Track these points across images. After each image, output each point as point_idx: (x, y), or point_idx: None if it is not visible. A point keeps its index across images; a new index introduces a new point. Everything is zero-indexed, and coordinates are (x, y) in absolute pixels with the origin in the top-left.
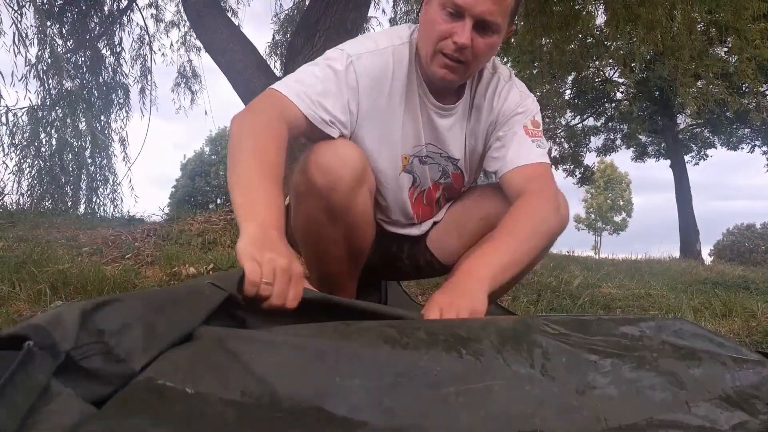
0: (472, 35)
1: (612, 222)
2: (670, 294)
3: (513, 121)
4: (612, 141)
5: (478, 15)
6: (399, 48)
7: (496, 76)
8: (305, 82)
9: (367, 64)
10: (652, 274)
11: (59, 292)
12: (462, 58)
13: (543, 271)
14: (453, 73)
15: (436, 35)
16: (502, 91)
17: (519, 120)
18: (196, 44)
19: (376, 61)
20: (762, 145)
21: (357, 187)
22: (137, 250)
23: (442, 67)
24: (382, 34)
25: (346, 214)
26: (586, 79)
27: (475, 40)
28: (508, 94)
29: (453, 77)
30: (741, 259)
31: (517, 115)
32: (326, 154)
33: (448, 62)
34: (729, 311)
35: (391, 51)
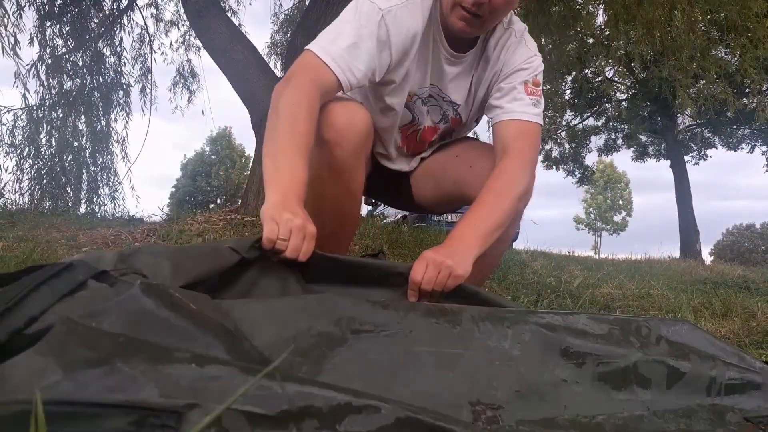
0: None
1: (612, 222)
2: (670, 294)
3: (516, 75)
4: (613, 141)
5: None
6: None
7: (509, 31)
8: (339, 44)
9: (398, 15)
10: (652, 274)
11: None
12: (479, 12)
13: (543, 271)
14: (470, 26)
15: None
16: (512, 45)
17: (522, 75)
18: (195, 44)
19: (406, 13)
20: (762, 145)
21: (359, 150)
22: None
23: (460, 20)
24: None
25: (346, 172)
26: (586, 78)
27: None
28: (517, 48)
29: (470, 30)
30: (741, 259)
31: (521, 71)
32: (338, 113)
33: (466, 15)
34: (729, 311)
35: (419, 2)
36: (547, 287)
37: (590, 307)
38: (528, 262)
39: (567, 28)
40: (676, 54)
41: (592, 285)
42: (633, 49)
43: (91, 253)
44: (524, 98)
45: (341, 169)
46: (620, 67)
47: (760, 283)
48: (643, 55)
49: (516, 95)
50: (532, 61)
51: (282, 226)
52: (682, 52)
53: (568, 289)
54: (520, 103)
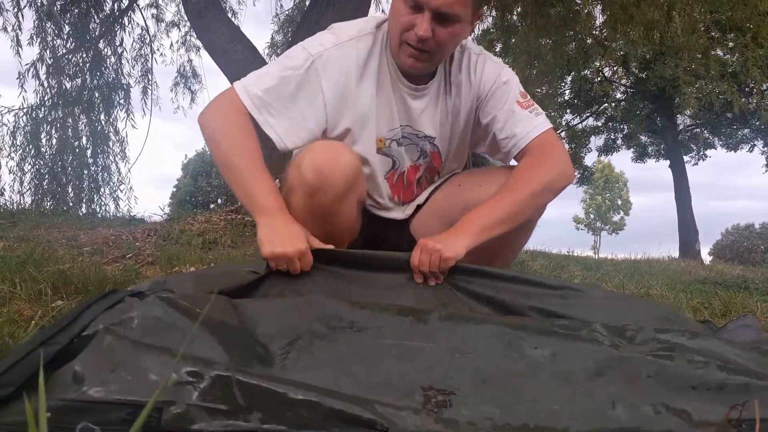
0: (433, 26)
1: (611, 222)
2: (670, 294)
3: (501, 96)
4: (613, 141)
5: (435, 8)
6: (361, 38)
7: (466, 52)
8: (260, 84)
9: (329, 58)
10: (651, 273)
11: (60, 291)
12: (425, 48)
13: (543, 271)
14: (419, 61)
15: (400, 27)
16: (476, 64)
17: (508, 96)
18: (196, 44)
19: (339, 54)
20: (763, 146)
21: (345, 194)
22: (138, 250)
23: (408, 57)
24: (345, 27)
25: (331, 216)
26: (585, 79)
27: (436, 30)
28: (484, 66)
29: (419, 66)
30: (740, 259)
31: (502, 87)
32: (323, 154)
33: (414, 51)
34: (728, 311)
35: (354, 43)
36: None
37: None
38: (528, 262)
39: (566, 29)
40: (678, 54)
41: (592, 285)
42: (630, 50)
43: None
44: (526, 116)
45: (325, 215)
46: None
47: (759, 283)
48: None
49: (518, 119)
50: (506, 73)
51: (278, 262)
52: (683, 52)
53: None
54: (526, 124)
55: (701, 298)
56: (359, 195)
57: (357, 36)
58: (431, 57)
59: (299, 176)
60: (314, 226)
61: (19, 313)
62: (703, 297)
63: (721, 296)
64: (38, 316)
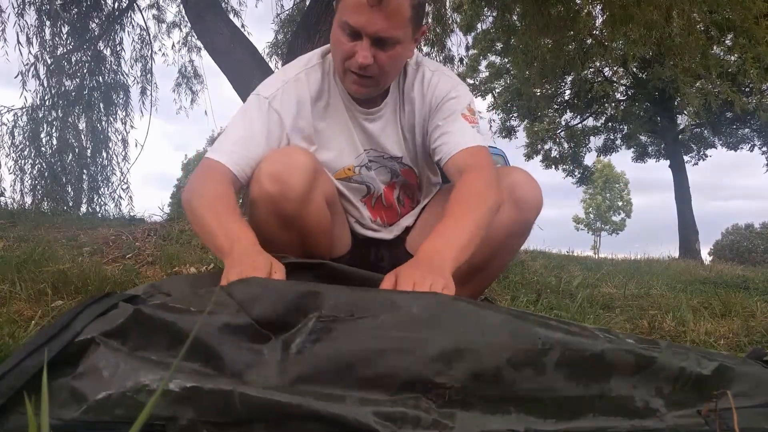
0: (374, 51)
1: (611, 222)
2: (670, 294)
3: (448, 108)
4: (612, 141)
5: (373, 34)
6: (310, 71)
7: (420, 69)
8: (229, 140)
9: (283, 98)
10: (651, 273)
11: (60, 291)
12: (368, 74)
13: (543, 271)
14: (364, 87)
15: (341, 55)
16: (431, 79)
17: (455, 108)
18: (197, 44)
19: (290, 91)
20: (762, 146)
21: (308, 193)
22: (138, 250)
23: (353, 84)
24: (292, 65)
25: (299, 220)
26: (586, 78)
27: (377, 55)
28: (438, 81)
29: (365, 91)
30: (740, 259)
31: (452, 101)
32: (277, 161)
33: (357, 78)
34: (728, 311)
35: (304, 77)
36: (546, 287)
37: (589, 307)
38: (528, 262)
39: (565, 29)
40: (677, 54)
41: (592, 285)
42: (629, 50)
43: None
44: (468, 129)
45: (293, 220)
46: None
47: (759, 283)
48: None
49: (459, 128)
50: (459, 89)
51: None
52: (683, 52)
53: (568, 289)
54: (466, 134)
55: (701, 298)
56: (325, 193)
57: (305, 70)
58: (376, 82)
59: (259, 188)
60: (285, 234)
61: (19, 313)
62: (703, 297)
63: (720, 296)
64: (38, 316)
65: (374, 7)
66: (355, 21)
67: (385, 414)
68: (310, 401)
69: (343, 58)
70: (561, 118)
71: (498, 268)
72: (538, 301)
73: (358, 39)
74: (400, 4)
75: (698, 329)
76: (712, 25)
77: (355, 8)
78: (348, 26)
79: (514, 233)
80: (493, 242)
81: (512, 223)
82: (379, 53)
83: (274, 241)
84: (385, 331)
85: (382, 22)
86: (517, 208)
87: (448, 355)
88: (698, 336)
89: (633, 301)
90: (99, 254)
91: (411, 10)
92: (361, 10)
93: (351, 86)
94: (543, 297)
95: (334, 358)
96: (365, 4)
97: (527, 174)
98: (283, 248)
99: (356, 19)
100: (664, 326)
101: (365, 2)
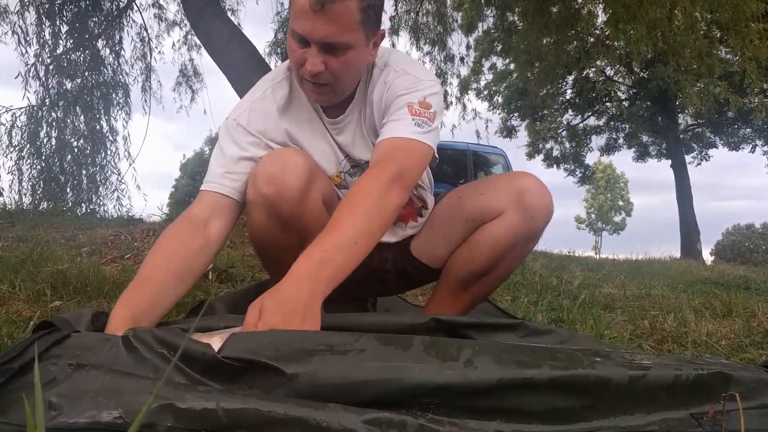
0: (324, 58)
1: (612, 222)
2: (671, 294)
3: (398, 102)
4: (614, 140)
5: (319, 40)
6: (276, 87)
7: (387, 70)
8: (213, 169)
9: (250, 116)
10: (652, 274)
11: (59, 292)
12: (322, 81)
13: (544, 271)
14: (321, 95)
15: (295, 63)
16: (394, 80)
17: (405, 101)
18: (197, 43)
19: (256, 108)
20: (763, 145)
21: (305, 193)
22: (137, 250)
23: (311, 92)
24: (259, 84)
25: (296, 220)
26: (587, 78)
27: (328, 62)
28: (398, 80)
29: (324, 99)
30: (742, 259)
31: (404, 96)
32: (272, 163)
33: (312, 86)
34: (730, 311)
35: (270, 93)
36: (547, 287)
37: (589, 307)
38: (528, 262)
39: (567, 29)
40: (678, 53)
41: (593, 285)
42: (632, 49)
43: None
44: (405, 118)
45: (291, 221)
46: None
47: (760, 283)
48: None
49: (396, 117)
50: (419, 84)
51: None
52: (684, 52)
53: (569, 289)
54: (399, 123)
55: (702, 298)
56: (322, 192)
57: (271, 86)
58: (332, 89)
59: (254, 190)
60: (284, 236)
61: (17, 314)
62: (705, 297)
63: (722, 297)
64: (37, 316)
65: (317, 12)
66: (301, 28)
67: (371, 419)
68: (295, 408)
69: (297, 66)
70: (563, 117)
71: (503, 273)
72: (539, 302)
73: (307, 46)
74: (346, 7)
75: (699, 330)
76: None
77: (300, 15)
78: (295, 33)
79: (522, 240)
80: (498, 248)
81: (520, 230)
82: (330, 59)
83: (274, 244)
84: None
85: (327, 27)
86: (526, 215)
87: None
88: (699, 336)
89: (634, 301)
90: (98, 254)
91: (360, 14)
92: (306, 16)
93: (309, 94)
94: (544, 297)
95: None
96: (309, 10)
97: (538, 180)
98: (284, 251)
99: (302, 26)
100: (665, 327)
101: (309, 8)
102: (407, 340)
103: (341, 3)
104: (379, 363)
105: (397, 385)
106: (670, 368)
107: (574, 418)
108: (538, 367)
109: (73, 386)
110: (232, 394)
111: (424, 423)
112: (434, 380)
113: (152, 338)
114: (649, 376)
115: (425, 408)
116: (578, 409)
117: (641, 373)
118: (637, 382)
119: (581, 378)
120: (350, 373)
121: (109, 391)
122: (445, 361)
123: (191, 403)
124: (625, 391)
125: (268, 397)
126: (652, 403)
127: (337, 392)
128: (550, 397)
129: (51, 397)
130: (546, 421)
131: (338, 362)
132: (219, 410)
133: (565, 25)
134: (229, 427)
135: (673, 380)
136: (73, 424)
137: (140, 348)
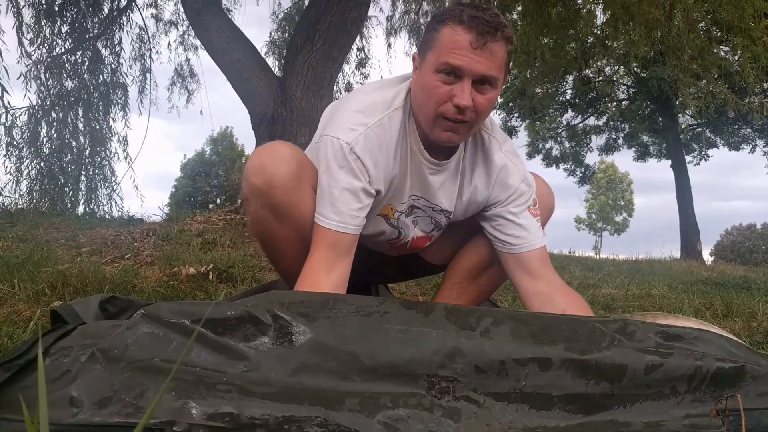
0: (473, 94)
1: (613, 222)
2: (671, 294)
3: (519, 202)
4: (614, 140)
5: (476, 74)
6: (393, 115)
7: (491, 138)
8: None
9: (365, 146)
10: (653, 274)
11: (59, 292)
12: (465, 118)
13: None
14: (457, 134)
15: (435, 100)
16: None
17: (525, 202)
18: (194, 43)
19: (371, 137)
20: (764, 146)
21: (295, 180)
22: (137, 250)
23: (446, 131)
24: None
25: (289, 208)
26: (587, 78)
27: (475, 98)
28: (509, 166)
29: (458, 138)
30: (742, 260)
31: (522, 195)
32: (260, 155)
33: (451, 125)
34: (730, 311)
35: (387, 121)
36: None
37: (590, 308)
38: None
39: (566, 29)
40: (677, 53)
41: (593, 285)
42: (631, 49)
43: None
44: (534, 225)
45: (284, 209)
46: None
47: (760, 283)
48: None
49: (526, 221)
50: (527, 179)
51: None
52: (683, 52)
53: None
54: (533, 231)
55: (703, 298)
56: (312, 182)
57: (388, 114)
58: (469, 127)
59: (248, 183)
60: (282, 227)
61: (17, 314)
62: (705, 297)
63: (722, 297)
64: (37, 316)
65: (477, 48)
66: (458, 61)
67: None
68: (314, 409)
69: (437, 104)
70: (562, 117)
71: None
72: None
73: (458, 80)
74: (500, 47)
75: None
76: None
77: (456, 49)
78: (449, 66)
79: None
80: None
81: None
82: (477, 96)
83: (275, 239)
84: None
85: (486, 62)
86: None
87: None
88: None
89: (634, 301)
90: (98, 254)
91: (507, 56)
92: (464, 52)
93: (442, 134)
94: None
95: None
96: (468, 46)
97: (540, 178)
98: (282, 241)
99: (460, 60)
100: None
101: (468, 44)
102: (430, 305)
103: (497, 43)
104: (400, 326)
105: (412, 350)
106: (691, 358)
107: (595, 403)
108: (553, 344)
109: (93, 380)
110: (250, 394)
111: (440, 417)
112: (448, 346)
113: (167, 311)
114: (667, 365)
115: (444, 390)
116: (596, 396)
117: (658, 361)
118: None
119: (596, 362)
120: (374, 332)
121: (131, 386)
122: (463, 329)
123: (210, 403)
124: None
125: (285, 397)
126: (673, 396)
127: (359, 350)
128: (566, 380)
129: (72, 392)
130: (567, 406)
131: (363, 321)
132: (236, 411)
133: (564, 26)
134: (248, 426)
135: (694, 371)
136: (99, 422)
137: (154, 326)
